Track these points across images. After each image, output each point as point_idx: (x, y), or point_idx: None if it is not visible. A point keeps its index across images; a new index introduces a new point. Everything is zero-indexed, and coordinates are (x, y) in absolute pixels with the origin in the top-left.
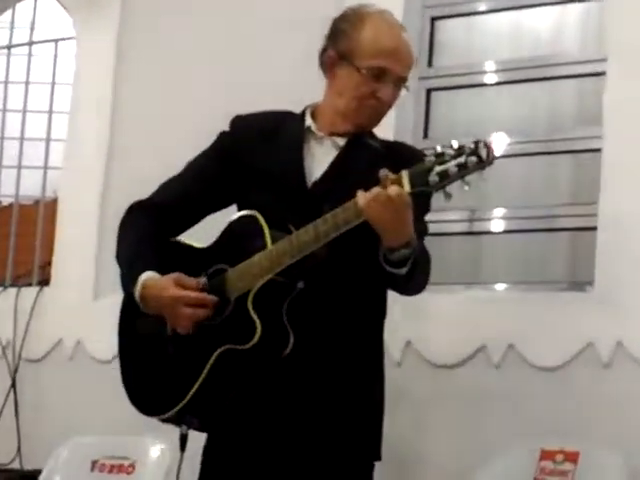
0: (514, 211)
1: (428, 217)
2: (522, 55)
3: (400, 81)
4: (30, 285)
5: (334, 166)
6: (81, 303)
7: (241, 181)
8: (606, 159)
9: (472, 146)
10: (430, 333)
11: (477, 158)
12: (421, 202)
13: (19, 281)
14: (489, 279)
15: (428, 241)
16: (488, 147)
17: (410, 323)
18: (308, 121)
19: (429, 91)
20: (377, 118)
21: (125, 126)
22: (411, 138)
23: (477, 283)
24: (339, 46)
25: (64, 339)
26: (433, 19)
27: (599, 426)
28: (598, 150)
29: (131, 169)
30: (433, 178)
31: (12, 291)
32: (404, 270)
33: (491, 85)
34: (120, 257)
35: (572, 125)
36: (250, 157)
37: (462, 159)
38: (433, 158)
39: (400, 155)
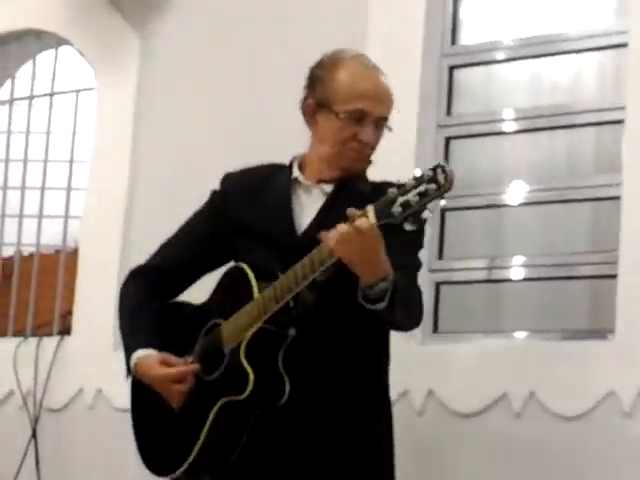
0: (534, 259)
1: (446, 265)
2: (541, 103)
3: (380, 121)
4: (51, 335)
5: (321, 213)
6: (101, 352)
7: (233, 238)
8: (625, 206)
9: (430, 173)
10: (451, 382)
11: (435, 185)
12: (410, 237)
13: (40, 331)
14: (509, 327)
15: (447, 290)
16: (445, 172)
17: (430, 372)
18: (295, 172)
19: (448, 139)
20: (362, 160)
21: (144, 175)
22: None
23: (497, 331)
24: (317, 94)
25: (84, 388)
26: (451, 68)
27: (621, 475)
28: (617, 198)
29: (151, 218)
30: (396, 209)
31: (33, 341)
32: (382, 305)
33: (510, 133)
34: (120, 330)
35: (591, 173)
36: (240, 214)
37: (422, 187)
38: (396, 190)
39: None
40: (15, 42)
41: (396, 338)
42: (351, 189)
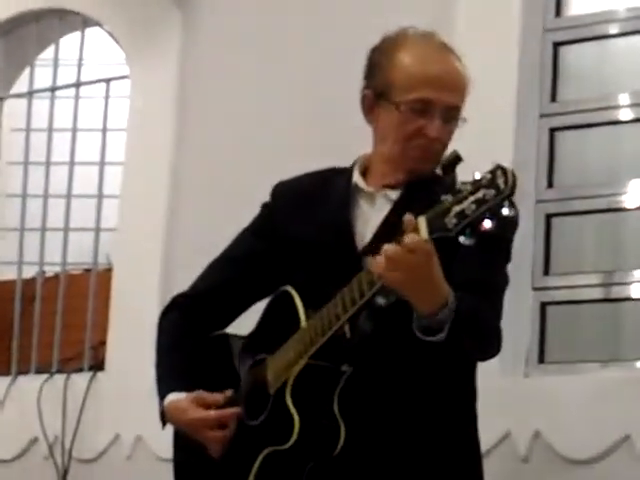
0: None
1: (553, 282)
2: None
3: (451, 112)
4: (81, 370)
5: (386, 224)
6: (141, 391)
7: (284, 256)
8: None
9: (489, 176)
10: (561, 422)
11: (495, 190)
12: (489, 247)
13: (68, 366)
14: (630, 355)
15: (554, 311)
16: (505, 174)
17: (537, 410)
18: (356, 177)
19: (553, 131)
20: (430, 160)
21: (189, 179)
22: (533, 188)
23: (616, 360)
24: (375, 83)
25: (122, 434)
26: (556, 44)
27: None
28: None
29: (196, 230)
30: (451, 220)
31: (60, 378)
32: (442, 336)
33: (627, 122)
34: (155, 375)
35: None
36: (291, 228)
37: (480, 194)
38: (450, 197)
39: None
40: (34, 24)
41: (493, 370)
42: (422, 194)
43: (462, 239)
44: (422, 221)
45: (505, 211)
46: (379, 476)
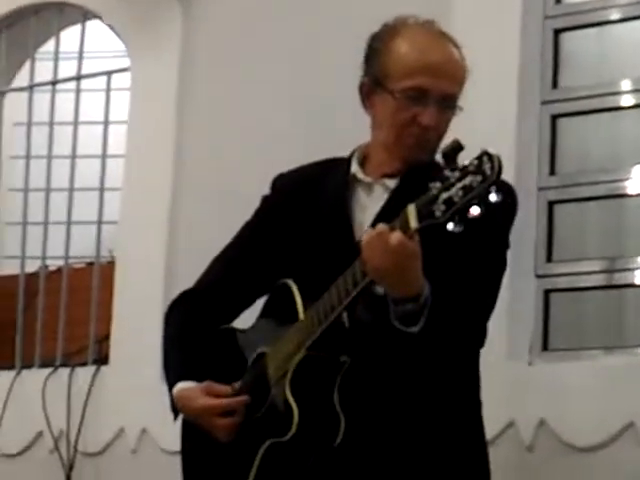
0: None
1: (556, 269)
2: None
3: (446, 100)
4: (85, 364)
5: (383, 213)
6: (145, 384)
7: (285, 248)
8: None
9: (475, 162)
10: (566, 409)
11: (481, 176)
12: (483, 234)
13: (72, 360)
14: (633, 342)
15: (558, 298)
16: (491, 160)
17: (541, 398)
18: (354, 167)
19: (554, 118)
20: (424, 148)
21: (191, 171)
22: (536, 175)
23: (619, 347)
24: (373, 70)
25: (126, 428)
26: (557, 31)
27: None
28: None
29: (200, 222)
30: (439, 207)
31: (64, 372)
32: (415, 329)
33: (629, 108)
34: (163, 368)
35: None
36: (292, 219)
37: (467, 180)
38: (439, 184)
39: None
40: (34, 17)
41: (497, 358)
42: (420, 183)
43: (451, 226)
44: (412, 209)
45: (493, 197)
46: (381, 467)
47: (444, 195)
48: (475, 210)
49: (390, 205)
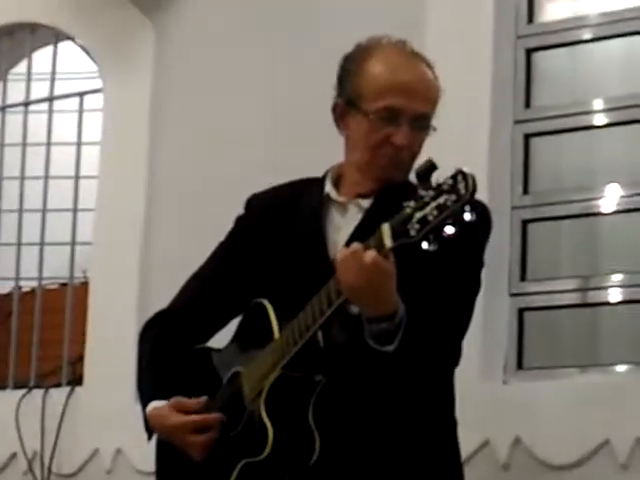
0: (635, 277)
1: (529, 287)
2: (637, 90)
3: (419, 120)
4: (59, 385)
5: (357, 233)
6: (119, 405)
7: (259, 268)
8: None
9: (450, 182)
10: (540, 428)
11: (456, 195)
12: (457, 255)
13: (46, 381)
14: (608, 360)
15: (532, 317)
16: (465, 179)
17: (516, 416)
18: (327, 187)
19: (527, 137)
20: (399, 168)
21: (165, 192)
22: (509, 194)
23: (594, 365)
24: (346, 91)
25: (101, 449)
26: (529, 51)
27: None
28: None
29: (173, 242)
30: (413, 226)
31: (38, 393)
32: (390, 348)
33: (601, 127)
34: (137, 383)
35: None
36: (266, 239)
37: (442, 199)
38: (413, 203)
39: None
40: (6, 38)
41: (471, 377)
42: (394, 203)
43: (425, 245)
44: (386, 228)
45: (467, 216)
46: None
47: (418, 214)
48: (449, 229)
49: (364, 225)
